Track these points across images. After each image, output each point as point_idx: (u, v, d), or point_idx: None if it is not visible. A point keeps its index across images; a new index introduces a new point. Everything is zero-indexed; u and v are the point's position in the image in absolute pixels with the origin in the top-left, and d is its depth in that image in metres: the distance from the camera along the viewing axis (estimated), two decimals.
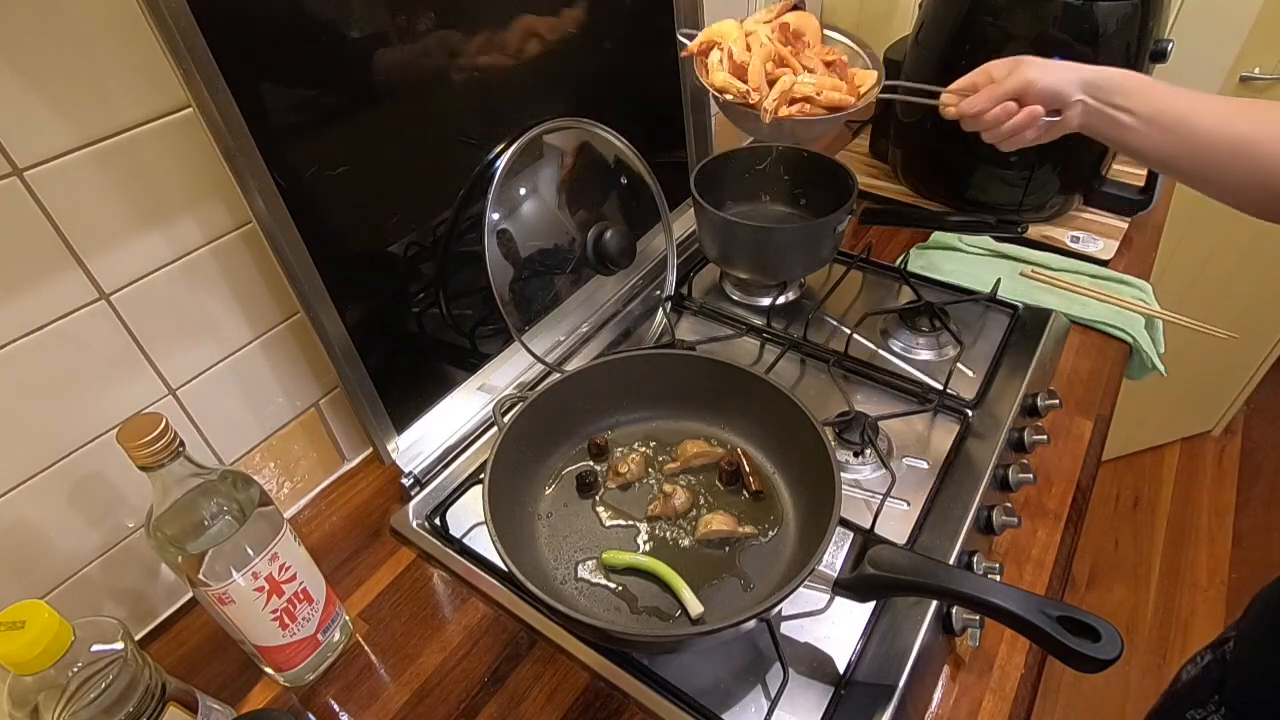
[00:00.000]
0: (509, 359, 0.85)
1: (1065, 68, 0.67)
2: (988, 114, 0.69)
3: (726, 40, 0.78)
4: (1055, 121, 0.68)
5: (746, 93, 0.74)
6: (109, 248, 0.54)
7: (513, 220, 0.77)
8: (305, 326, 0.65)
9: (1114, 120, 0.65)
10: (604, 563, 0.63)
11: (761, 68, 0.75)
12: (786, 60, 0.76)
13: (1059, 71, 0.66)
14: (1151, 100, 0.63)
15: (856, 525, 0.67)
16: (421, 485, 0.75)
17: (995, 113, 0.69)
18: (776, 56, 0.76)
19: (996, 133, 0.70)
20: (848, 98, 0.75)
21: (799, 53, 0.78)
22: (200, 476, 0.50)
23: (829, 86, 0.75)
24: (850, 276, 0.98)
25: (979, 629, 0.60)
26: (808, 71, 0.76)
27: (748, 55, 0.76)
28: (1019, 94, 0.68)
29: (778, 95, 0.73)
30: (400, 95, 0.65)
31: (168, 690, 0.49)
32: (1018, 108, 0.68)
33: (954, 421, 0.77)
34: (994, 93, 0.69)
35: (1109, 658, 0.44)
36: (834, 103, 0.75)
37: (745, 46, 0.77)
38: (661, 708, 0.57)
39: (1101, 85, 0.65)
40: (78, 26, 0.48)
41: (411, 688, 0.61)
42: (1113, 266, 0.98)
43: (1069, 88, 0.66)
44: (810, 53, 0.78)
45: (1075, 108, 0.66)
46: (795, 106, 0.74)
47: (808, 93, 0.74)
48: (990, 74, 0.71)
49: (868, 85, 0.77)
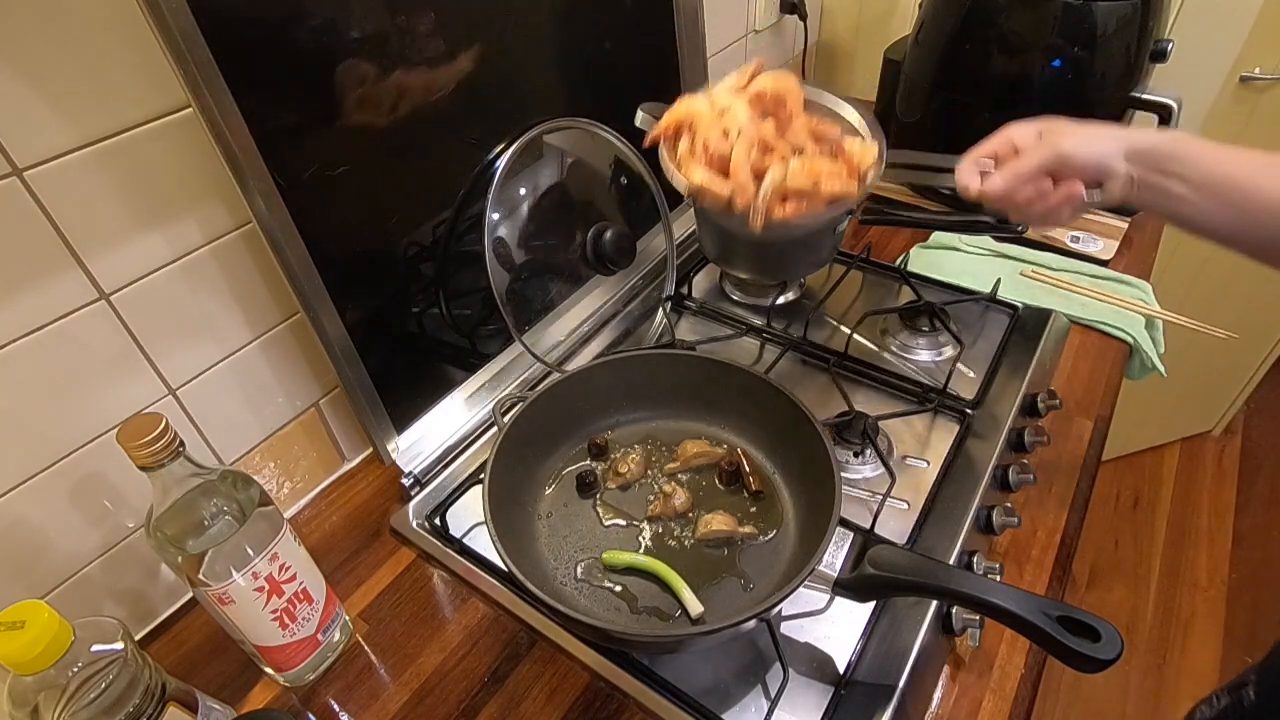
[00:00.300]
0: (509, 359, 0.85)
1: (1104, 134, 0.56)
2: (1018, 195, 0.58)
3: (700, 125, 0.64)
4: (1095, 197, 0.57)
5: (730, 196, 0.61)
6: (109, 248, 0.54)
7: (513, 220, 0.77)
8: (305, 326, 0.65)
9: (1165, 191, 0.55)
10: (604, 563, 0.63)
11: (746, 160, 0.61)
12: (772, 145, 0.63)
13: (1098, 139, 0.56)
14: (1207, 166, 0.53)
15: (856, 525, 0.67)
16: (421, 485, 0.75)
17: (1027, 194, 0.58)
18: (760, 142, 0.63)
19: (1027, 214, 0.59)
20: (849, 185, 0.62)
21: (785, 127, 0.65)
22: (200, 476, 0.50)
23: (826, 173, 0.61)
24: (850, 276, 0.98)
25: (979, 629, 0.60)
26: (796, 153, 0.63)
27: (726, 144, 0.62)
28: (1052, 169, 0.57)
29: (768, 193, 0.61)
30: (400, 95, 0.65)
31: (168, 690, 0.49)
32: (1053, 186, 0.57)
33: (954, 421, 0.77)
34: (1021, 169, 0.57)
35: (1109, 658, 0.44)
36: (834, 194, 0.62)
37: (722, 132, 0.63)
38: (661, 708, 0.57)
39: (1150, 151, 0.55)
40: (78, 26, 0.48)
41: (411, 688, 0.61)
42: (1113, 266, 0.98)
43: (1112, 158, 0.55)
44: (797, 124, 0.65)
45: (1119, 179, 0.56)
46: (790, 205, 0.61)
47: (803, 186, 0.61)
48: (1013, 142, 0.59)
49: (868, 162, 0.64)
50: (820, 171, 0.61)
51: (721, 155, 0.62)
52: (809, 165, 0.61)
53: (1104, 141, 0.56)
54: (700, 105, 0.65)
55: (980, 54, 0.96)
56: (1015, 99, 0.96)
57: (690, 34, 0.94)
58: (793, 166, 0.61)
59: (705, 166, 0.63)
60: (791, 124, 0.65)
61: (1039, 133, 0.58)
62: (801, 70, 1.40)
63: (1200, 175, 0.53)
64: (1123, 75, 0.93)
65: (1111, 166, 0.55)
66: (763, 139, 0.63)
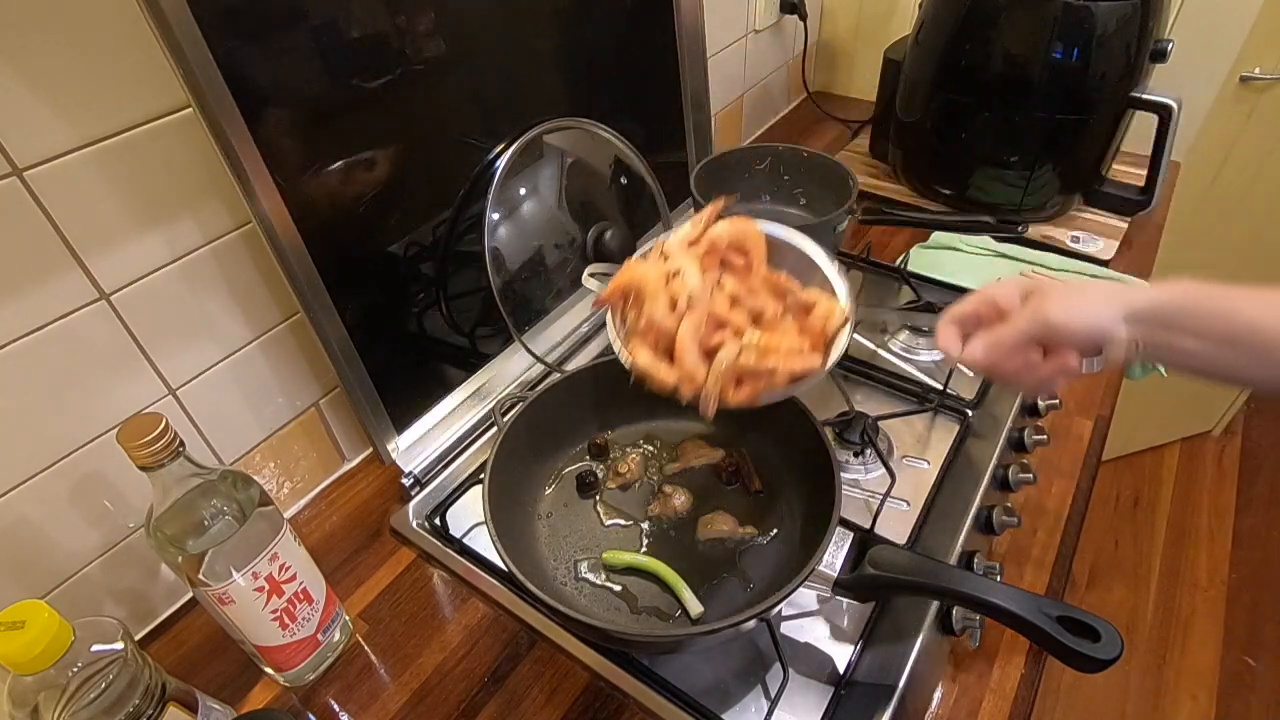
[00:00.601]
0: (509, 359, 0.85)
1: (1097, 297, 0.49)
2: (1003, 366, 0.52)
3: (645, 294, 0.56)
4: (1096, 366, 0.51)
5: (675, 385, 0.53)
6: (109, 248, 0.54)
7: (513, 220, 0.77)
8: (305, 326, 0.65)
9: (1178, 349, 0.48)
10: (604, 562, 0.63)
11: (694, 341, 0.53)
12: (725, 318, 0.55)
13: (1091, 304, 0.49)
14: (1227, 318, 0.47)
15: (856, 525, 0.67)
16: (421, 485, 0.75)
17: (1013, 366, 0.51)
18: (712, 318, 0.55)
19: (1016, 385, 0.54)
20: (811, 360, 0.54)
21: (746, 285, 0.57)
22: (200, 476, 0.50)
23: (784, 350, 0.53)
24: (850, 276, 0.98)
25: (979, 629, 0.60)
26: (755, 320, 0.56)
27: (673, 319, 0.54)
28: (1040, 338, 0.50)
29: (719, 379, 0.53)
30: (400, 95, 0.65)
31: (168, 690, 0.49)
32: (1042, 358, 0.51)
33: (954, 421, 0.77)
34: (1005, 339, 0.51)
35: (1109, 658, 0.44)
36: (793, 373, 0.54)
37: (670, 304, 0.54)
38: (661, 708, 0.57)
39: (1155, 312, 0.48)
40: (78, 27, 0.48)
41: (411, 688, 0.61)
42: (1113, 266, 0.98)
43: (1109, 324, 0.48)
44: (756, 280, 0.58)
45: (1120, 344, 0.49)
46: (744, 389, 0.54)
47: (758, 368, 0.53)
48: (996, 303, 0.53)
49: (834, 325, 0.56)
50: (778, 348, 0.53)
51: (668, 332, 0.54)
52: (766, 341, 0.54)
53: (1098, 306, 0.49)
54: (647, 271, 0.57)
55: (980, 54, 0.96)
56: (1015, 99, 0.96)
57: (690, 34, 0.94)
58: (748, 341, 0.53)
59: (651, 348, 0.55)
60: (751, 276, 0.58)
61: (1024, 293, 0.52)
62: (801, 70, 1.41)
63: (1221, 330, 0.47)
64: (1123, 75, 0.93)
65: (1109, 333, 0.49)
66: (714, 313, 0.55)
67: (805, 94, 1.45)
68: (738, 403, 0.53)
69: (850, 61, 1.46)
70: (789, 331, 0.55)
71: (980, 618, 0.60)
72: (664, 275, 0.56)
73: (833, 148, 1.30)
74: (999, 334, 0.51)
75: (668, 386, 0.54)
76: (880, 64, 1.15)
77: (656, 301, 0.55)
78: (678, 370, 0.53)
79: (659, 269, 0.57)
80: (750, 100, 1.30)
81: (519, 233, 0.77)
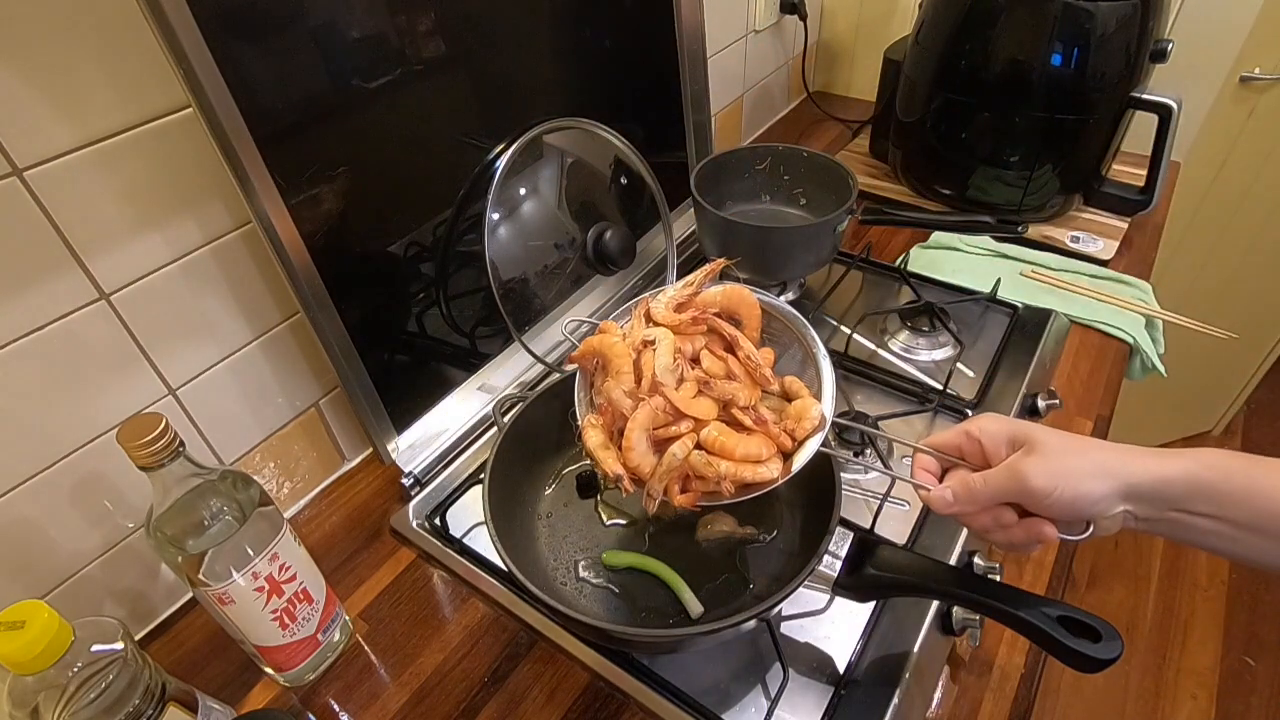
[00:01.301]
0: (509, 359, 0.85)
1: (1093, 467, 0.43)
2: (972, 522, 0.47)
3: (610, 368, 0.53)
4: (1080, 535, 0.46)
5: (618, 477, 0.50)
6: (109, 248, 0.54)
7: (513, 220, 0.77)
8: (305, 326, 0.65)
9: (1188, 528, 0.43)
10: (604, 563, 0.63)
11: (644, 433, 0.50)
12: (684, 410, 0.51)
13: (1083, 477, 0.42)
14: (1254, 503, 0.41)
15: (856, 525, 0.67)
16: (421, 485, 0.75)
17: (980, 525, 0.47)
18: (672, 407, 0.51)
19: (987, 540, 0.48)
20: (768, 470, 0.51)
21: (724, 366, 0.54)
22: (200, 476, 0.50)
23: (740, 456, 0.50)
24: (850, 276, 0.98)
25: (979, 629, 0.60)
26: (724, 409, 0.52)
27: (629, 402, 0.51)
28: (1017, 499, 0.45)
29: (663, 480, 0.50)
30: (400, 95, 0.65)
31: (168, 690, 0.49)
32: (1016, 519, 0.45)
33: (954, 421, 0.77)
34: (977, 495, 0.46)
35: (1109, 658, 0.44)
36: (745, 481, 0.51)
37: (635, 378, 0.52)
38: (661, 708, 0.57)
39: (1160, 492, 0.42)
40: (77, 27, 0.48)
41: (411, 688, 0.61)
42: (1113, 266, 0.98)
43: (1102, 502, 0.42)
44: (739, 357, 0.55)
45: (1113, 520, 0.44)
46: (689, 494, 0.51)
47: (708, 474, 0.50)
48: (980, 440, 0.47)
49: (806, 428, 0.52)
50: (733, 453, 0.50)
51: (623, 415, 0.51)
52: (722, 443, 0.50)
53: (1089, 479, 0.42)
54: (614, 345, 0.54)
55: (980, 54, 0.96)
56: (1015, 99, 0.96)
57: (690, 34, 0.94)
58: (707, 436, 0.50)
59: (605, 428, 0.53)
60: (735, 353, 0.56)
61: (1011, 440, 0.46)
62: (801, 70, 1.41)
63: (1246, 515, 0.41)
64: (1123, 75, 0.93)
65: (1099, 511, 0.43)
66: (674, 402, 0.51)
67: (805, 94, 1.45)
68: (681, 505, 0.51)
69: (850, 62, 1.46)
70: (752, 438, 0.52)
71: (980, 618, 0.60)
72: (634, 347, 0.54)
73: (833, 148, 1.30)
74: (972, 485, 0.46)
75: (610, 476, 0.51)
76: (880, 64, 1.15)
77: (620, 379, 0.52)
78: (625, 459, 0.50)
79: (634, 337, 0.55)
80: (750, 100, 1.30)
81: (519, 233, 0.77)
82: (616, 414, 0.52)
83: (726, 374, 0.54)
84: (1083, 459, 0.43)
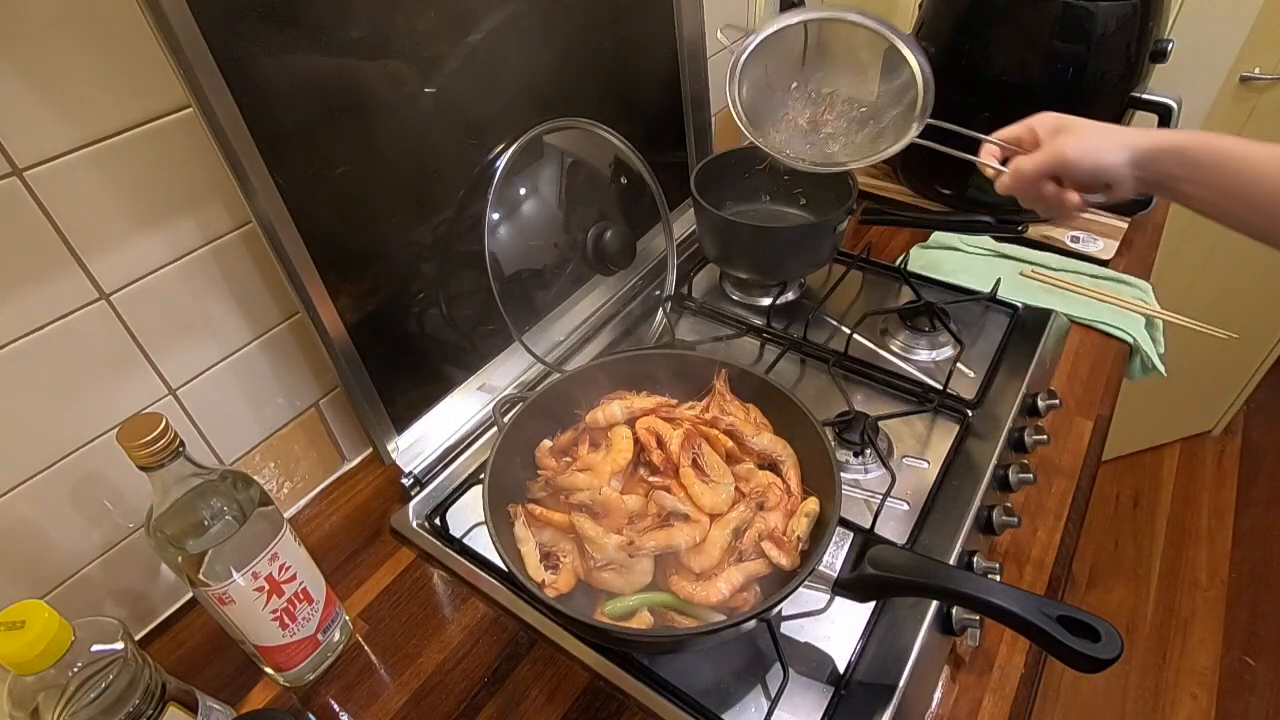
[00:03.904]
0: (509, 359, 0.85)
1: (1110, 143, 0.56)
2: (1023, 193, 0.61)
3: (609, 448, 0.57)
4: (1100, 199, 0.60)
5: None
6: (109, 248, 0.54)
7: (513, 220, 0.77)
8: (305, 326, 0.65)
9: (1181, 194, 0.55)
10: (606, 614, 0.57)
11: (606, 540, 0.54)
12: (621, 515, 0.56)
13: (1103, 149, 0.56)
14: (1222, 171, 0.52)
15: (856, 525, 0.67)
16: (421, 485, 0.75)
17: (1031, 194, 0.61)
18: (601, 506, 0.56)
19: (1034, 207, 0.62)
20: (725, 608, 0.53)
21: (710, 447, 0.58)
22: (200, 476, 0.50)
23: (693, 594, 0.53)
24: (850, 276, 0.98)
25: (979, 629, 0.60)
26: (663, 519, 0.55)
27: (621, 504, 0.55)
28: (1055, 171, 0.58)
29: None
30: (400, 95, 0.65)
31: (168, 690, 0.49)
32: (1055, 188, 0.59)
33: (954, 421, 0.77)
34: (1025, 172, 0.60)
35: (1109, 658, 0.44)
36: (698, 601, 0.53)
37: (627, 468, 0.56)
38: (661, 708, 0.57)
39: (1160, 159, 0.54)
40: (78, 27, 0.48)
41: (411, 688, 0.61)
42: (1113, 266, 0.98)
43: (1115, 168, 0.56)
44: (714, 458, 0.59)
45: (1125, 185, 0.57)
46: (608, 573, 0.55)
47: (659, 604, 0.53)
48: (1034, 130, 0.62)
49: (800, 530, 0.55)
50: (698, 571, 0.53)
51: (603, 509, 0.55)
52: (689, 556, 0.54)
53: (1109, 152, 0.55)
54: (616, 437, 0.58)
55: (980, 54, 0.96)
56: (1015, 99, 0.96)
57: (690, 34, 0.94)
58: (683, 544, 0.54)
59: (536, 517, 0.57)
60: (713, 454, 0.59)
61: (1057, 129, 0.59)
62: None
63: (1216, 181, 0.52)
64: (1123, 75, 0.93)
65: (1116, 176, 0.56)
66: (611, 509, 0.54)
67: None
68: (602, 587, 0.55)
69: None
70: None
71: (980, 618, 0.60)
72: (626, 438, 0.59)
73: None
74: (1022, 167, 0.59)
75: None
76: None
77: (619, 452, 0.58)
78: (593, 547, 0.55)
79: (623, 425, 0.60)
80: None
81: (519, 233, 0.77)
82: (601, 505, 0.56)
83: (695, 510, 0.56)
84: (1105, 137, 0.56)
